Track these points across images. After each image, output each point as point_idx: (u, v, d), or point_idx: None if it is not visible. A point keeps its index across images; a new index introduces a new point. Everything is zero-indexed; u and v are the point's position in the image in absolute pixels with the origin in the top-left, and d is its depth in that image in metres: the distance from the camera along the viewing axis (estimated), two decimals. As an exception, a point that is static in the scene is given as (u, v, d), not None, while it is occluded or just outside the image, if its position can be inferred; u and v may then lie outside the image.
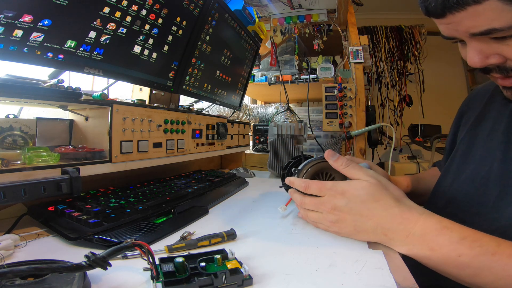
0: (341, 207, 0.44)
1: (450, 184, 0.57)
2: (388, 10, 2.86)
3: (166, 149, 0.75)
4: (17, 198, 0.43)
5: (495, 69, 0.40)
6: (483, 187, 0.49)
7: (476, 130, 0.57)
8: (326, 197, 0.47)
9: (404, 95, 2.48)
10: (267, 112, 1.59)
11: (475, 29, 0.36)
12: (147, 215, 0.53)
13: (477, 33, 0.36)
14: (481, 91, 0.62)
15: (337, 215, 0.45)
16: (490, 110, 0.56)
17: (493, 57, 0.38)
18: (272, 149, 1.11)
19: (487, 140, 0.52)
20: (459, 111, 0.68)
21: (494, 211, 0.45)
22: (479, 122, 0.57)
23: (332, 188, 0.46)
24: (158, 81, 0.77)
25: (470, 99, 0.66)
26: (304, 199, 0.50)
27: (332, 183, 0.47)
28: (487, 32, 0.35)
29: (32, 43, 0.47)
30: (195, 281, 0.31)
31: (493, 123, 0.53)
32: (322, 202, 0.47)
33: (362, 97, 1.29)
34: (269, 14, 1.42)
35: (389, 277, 0.35)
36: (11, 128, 0.58)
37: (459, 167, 0.57)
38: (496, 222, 0.41)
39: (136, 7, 0.63)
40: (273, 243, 0.46)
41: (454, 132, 0.67)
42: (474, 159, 0.53)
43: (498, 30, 0.34)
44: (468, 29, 0.37)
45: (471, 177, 0.52)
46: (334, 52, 1.83)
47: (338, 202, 0.45)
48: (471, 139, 0.57)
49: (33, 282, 0.29)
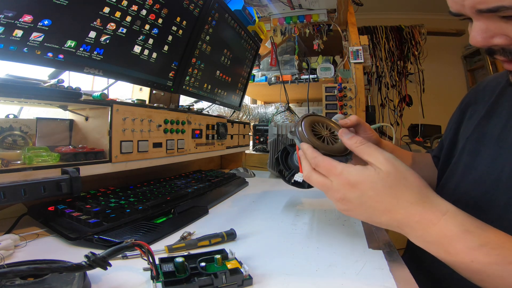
0: (352, 199, 0.39)
1: (456, 186, 0.53)
2: (388, 10, 2.86)
3: (166, 149, 0.75)
4: (17, 198, 0.43)
5: (500, 51, 0.37)
6: (492, 191, 0.45)
7: (486, 127, 0.51)
8: (335, 183, 0.40)
9: (404, 95, 2.48)
10: (267, 112, 1.59)
11: (483, 5, 0.33)
12: (147, 215, 0.53)
13: (484, 10, 0.34)
14: (492, 83, 0.56)
15: (346, 204, 0.39)
16: (502, 104, 0.50)
17: (499, 38, 0.35)
18: (272, 149, 1.11)
19: (498, 139, 0.47)
20: (464, 102, 0.61)
21: (504, 217, 0.42)
22: (489, 117, 0.51)
23: (342, 176, 0.39)
24: (158, 81, 0.77)
25: (478, 90, 0.59)
26: (311, 176, 0.43)
27: (342, 167, 0.40)
28: (495, 9, 0.33)
29: (32, 43, 0.47)
30: (195, 281, 0.31)
31: (506, 120, 0.48)
32: (330, 188, 0.40)
33: (362, 97, 1.29)
34: (269, 14, 1.42)
35: (389, 277, 0.35)
36: (11, 128, 0.58)
37: (466, 168, 0.52)
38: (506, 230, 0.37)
39: (136, 7, 0.63)
40: (273, 243, 0.46)
41: (455, 126, 0.61)
42: (484, 159, 0.49)
43: (508, 8, 0.32)
44: (475, 5, 0.34)
45: (480, 180, 0.47)
46: (334, 52, 1.83)
47: (348, 194, 0.39)
48: (480, 136, 0.51)
49: (33, 282, 0.29)
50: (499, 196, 0.43)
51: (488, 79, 0.59)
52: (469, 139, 0.53)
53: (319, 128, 0.49)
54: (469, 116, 0.58)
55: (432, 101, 2.61)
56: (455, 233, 0.35)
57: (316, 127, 0.49)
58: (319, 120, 0.50)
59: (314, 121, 0.50)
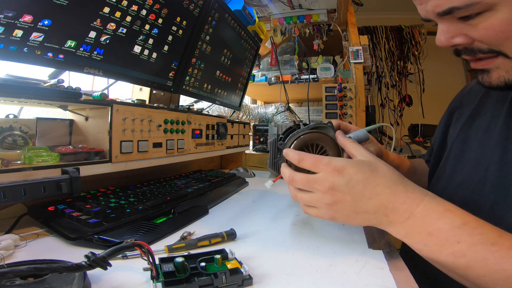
0: (339, 186, 0.39)
1: (444, 188, 0.54)
2: (388, 10, 2.86)
3: (166, 149, 0.75)
4: (17, 198, 0.43)
5: (463, 50, 0.40)
6: (478, 191, 0.46)
7: (470, 129, 0.53)
8: (322, 174, 0.41)
9: (404, 95, 2.48)
10: (267, 112, 1.59)
11: (439, 8, 0.37)
12: (147, 215, 0.53)
13: (441, 13, 0.37)
14: (475, 87, 0.58)
15: (334, 195, 0.40)
16: (485, 106, 0.52)
17: (459, 37, 0.39)
18: (272, 149, 1.11)
19: (482, 141, 0.49)
20: (450, 106, 0.64)
21: (491, 217, 0.41)
22: (473, 120, 0.53)
23: (329, 164, 0.40)
24: (158, 81, 0.77)
25: (463, 94, 0.62)
26: (295, 175, 0.43)
27: (329, 158, 0.41)
28: (449, 11, 0.36)
29: (32, 43, 0.47)
30: (195, 281, 0.31)
31: (489, 122, 0.49)
32: (316, 180, 0.41)
33: (362, 97, 1.29)
34: (269, 14, 1.42)
35: (389, 277, 0.35)
36: (11, 128, 0.58)
37: (452, 170, 0.54)
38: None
39: (136, 7, 0.63)
40: (273, 243, 0.46)
41: (443, 129, 0.63)
42: (469, 161, 0.50)
43: (458, 8, 0.35)
44: (433, 9, 0.38)
45: (466, 181, 0.49)
46: (334, 52, 1.83)
47: (337, 181, 0.39)
48: (464, 139, 0.53)
49: (33, 282, 0.29)
50: (485, 196, 0.44)
51: (473, 83, 0.61)
52: (455, 142, 0.55)
53: (309, 151, 0.48)
54: (456, 120, 0.60)
55: (432, 101, 2.61)
56: (439, 211, 0.37)
57: (307, 150, 0.48)
58: (317, 139, 0.48)
59: (310, 140, 0.48)
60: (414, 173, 0.70)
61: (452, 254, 0.35)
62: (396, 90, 2.50)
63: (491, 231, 0.35)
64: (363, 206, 0.40)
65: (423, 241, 0.37)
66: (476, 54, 0.39)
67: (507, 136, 0.45)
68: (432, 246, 0.36)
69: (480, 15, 0.35)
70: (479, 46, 0.38)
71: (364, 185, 0.39)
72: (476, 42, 0.38)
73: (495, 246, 0.33)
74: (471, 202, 0.46)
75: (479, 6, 0.34)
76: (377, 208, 0.39)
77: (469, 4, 0.34)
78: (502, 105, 0.48)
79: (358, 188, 0.39)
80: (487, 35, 0.36)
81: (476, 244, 0.34)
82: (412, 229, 0.38)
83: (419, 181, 0.69)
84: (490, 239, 0.34)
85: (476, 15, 0.35)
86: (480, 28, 0.36)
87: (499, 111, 0.48)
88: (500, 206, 0.42)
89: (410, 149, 2.45)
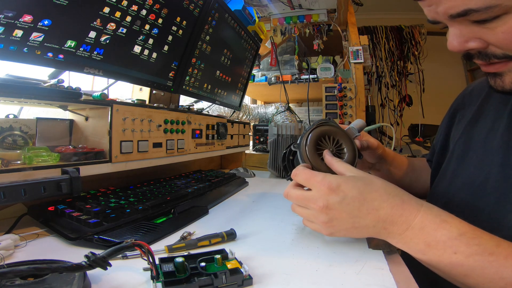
0: (334, 205, 0.39)
1: (446, 189, 0.54)
2: (388, 10, 2.86)
3: (166, 149, 0.75)
4: (17, 198, 0.43)
5: (476, 54, 0.38)
6: (480, 193, 0.45)
7: (473, 131, 0.53)
8: (315, 192, 0.41)
9: (404, 95, 2.49)
10: (267, 112, 1.59)
11: (453, 10, 0.34)
12: (147, 215, 0.53)
13: (454, 15, 0.35)
14: (478, 87, 0.58)
15: (329, 213, 0.40)
16: (487, 108, 0.52)
17: (473, 41, 0.36)
18: (272, 149, 1.11)
19: (485, 143, 0.49)
20: (452, 107, 0.63)
21: (492, 219, 0.42)
22: (475, 121, 0.53)
23: (323, 182, 0.40)
24: (158, 81, 0.77)
25: (464, 95, 0.61)
26: (290, 191, 0.44)
27: (323, 175, 0.41)
28: (464, 13, 0.34)
29: (32, 43, 0.47)
30: (195, 281, 0.31)
31: (492, 123, 0.49)
32: (310, 198, 0.41)
33: (362, 97, 1.29)
34: (269, 14, 1.42)
35: (389, 277, 0.35)
36: (11, 128, 0.58)
37: (455, 171, 0.53)
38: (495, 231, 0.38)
39: (136, 7, 0.63)
40: (273, 243, 0.46)
41: (446, 131, 0.62)
42: (471, 162, 0.50)
43: (475, 11, 0.33)
44: (446, 10, 0.35)
45: (468, 183, 0.49)
46: (334, 52, 1.83)
47: (331, 199, 0.39)
48: (467, 140, 0.53)
49: (33, 282, 0.29)
50: (487, 198, 0.44)
51: (474, 84, 0.61)
52: (458, 143, 0.55)
53: (325, 143, 0.49)
54: (458, 121, 0.59)
55: (432, 101, 2.61)
56: (435, 222, 0.37)
57: (323, 143, 0.49)
58: (328, 132, 0.49)
59: (322, 134, 0.49)
60: (413, 170, 0.70)
61: (450, 264, 0.35)
62: (396, 90, 2.50)
63: (488, 241, 0.35)
64: (361, 221, 0.40)
65: (421, 251, 0.37)
66: (490, 59, 0.37)
67: (509, 138, 0.44)
68: (431, 255, 0.37)
69: (498, 18, 0.33)
70: (494, 51, 0.36)
71: (360, 201, 0.39)
72: (490, 46, 0.36)
73: (492, 256, 0.33)
74: (474, 204, 0.46)
75: (498, 9, 0.32)
76: (375, 222, 0.39)
77: (488, 7, 0.32)
78: (505, 106, 0.47)
79: (354, 205, 0.39)
80: (506, 40, 0.34)
81: (473, 254, 0.34)
82: (410, 240, 0.38)
83: (418, 179, 0.70)
84: (488, 249, 0.34)
85: (493, 19, 0.33)
86: (498, 32, 0.34)
87: (502, 112, 0.48)
88: (501, 208, 0.42)
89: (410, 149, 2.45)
